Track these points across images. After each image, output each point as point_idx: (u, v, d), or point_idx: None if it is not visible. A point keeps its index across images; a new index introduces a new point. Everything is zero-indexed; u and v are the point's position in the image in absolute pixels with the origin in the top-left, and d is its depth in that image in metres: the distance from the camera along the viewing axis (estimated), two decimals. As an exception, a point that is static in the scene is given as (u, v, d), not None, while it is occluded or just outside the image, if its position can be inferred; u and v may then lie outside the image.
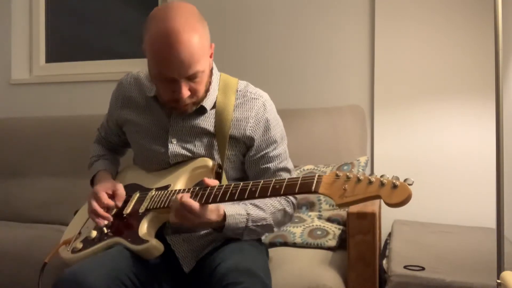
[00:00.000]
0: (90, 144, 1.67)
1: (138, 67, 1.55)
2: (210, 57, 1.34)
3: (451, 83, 2.15)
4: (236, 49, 2.43)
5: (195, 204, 1.20)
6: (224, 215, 1.28)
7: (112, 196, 1.40)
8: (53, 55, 2.91)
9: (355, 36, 2.28)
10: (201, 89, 1.32)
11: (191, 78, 1.27)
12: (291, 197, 1.42)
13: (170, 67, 1.25)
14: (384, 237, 2.01)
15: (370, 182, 1.04)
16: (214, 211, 1.25)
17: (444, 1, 2.16)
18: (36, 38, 2.88)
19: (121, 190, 1.40)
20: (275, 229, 1.42)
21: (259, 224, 1.35)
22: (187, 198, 1.21)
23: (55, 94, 2.74)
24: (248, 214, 1.32)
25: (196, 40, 1.23)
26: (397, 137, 2.20)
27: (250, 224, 1.33)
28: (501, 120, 1.39)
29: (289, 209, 1.41)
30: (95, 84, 2.67)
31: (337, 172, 1.10)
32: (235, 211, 1.30)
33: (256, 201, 1.36)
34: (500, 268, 1.35)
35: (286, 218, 1.43)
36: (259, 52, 2.41)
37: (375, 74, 2.23)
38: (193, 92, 1.30)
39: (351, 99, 2.25)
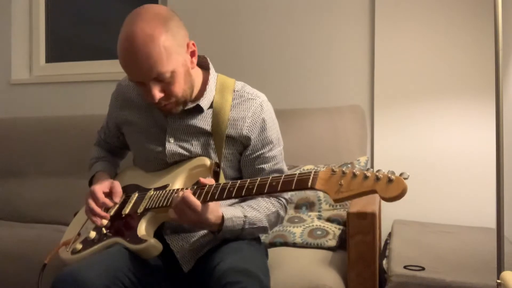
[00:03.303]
0: (90, 145, 1.67)
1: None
2: (192, 56, 1.32)
3: (451, 83, 2.15)
4: (236, 49, 2.42)
5: (197, 202, 1.20)
6: (222, 218, 1.28)
7: (109, 194, 1.40)
8: (53, 55, 2.92)
9: (355, 36, 2.28)
10: (177, 89, 1.29)
11: (159, 80, 1.25)
12: (283, 200, 1.43)
13: (131, 72, 1.26)
14: (384, 237, 2.01)
15: (366, 177, 1.04)
16: (214, 212, 1.25)
17: (444, 1, 2.16)
18: (36, 38, 2.88)
19: (117, 187, 1.41)
20: (269, 231, 1.44)
21: (255, 226, 1.36)
22: (189, 194, 1.21)
23: (55, 94, 2.74)
24: (245, 216, 1.33)
25: (155, 42, 1.20)
26: (397, 137, 2.20)
27: (247, 226, 1.33)
28: (501, 120, 1.39)
29: (282, 212, 1.43)
30: (95, 84, 2.67)
31: (333, 168, 1.10)
32: (233, 214, 1.31)
33: (252, 203, 1.37)
34: (500, 268, 1.35)
35: (278, 220, 1.44)
36: (259, 52, 2.41)
37: (375, 74, 2.23)
38: (168, 93, 1.28)
39: (351, 99, 2.25)
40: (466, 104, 2.12)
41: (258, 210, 1.36)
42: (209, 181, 1.27)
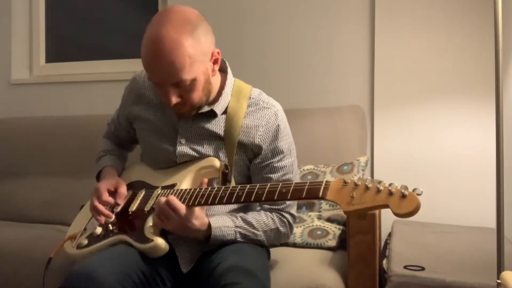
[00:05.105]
0: (90, 145, 1.67)
1: (138, 67, 1.55)
2: (214, 63, 1.32)
3: (451, 83, 2.15)
4: (236, 49, 2.42)
5: (181, 205, 1.22)
6: (209, 226, 1.29)
7: (114, 193, 1.40)
8: (53, 55, 2.91)
9: (355, 36, 2.28)
10: (195, 96, 1.30)
11: (178, 85, 1.26)
12: (287, 216, 1.41)
13: (153, 74, 1.26)
14: (384, 237, 2.01)
15: (379, 191, 1.03)
16: (199, 218, 1.26)
17: (445, 1, 2.16)
18: (36, 38, 2.88)
19: (122, 188, 1.41)
20: (268, 244, 1.43)
21: (249, 238, 1.35)
22: (173, 197, 1.23)
23: (55, 94, 2.74)
24: (236, 226, 1.33)
25: (180, 49, 1.20)
26: (397, 137, 2.20)
27: (239, 238, 1.33)
28: (501, 120, 1.39)
29: (283, 229, 1.40)
30: (95, 84, 2.67)
31: (345, 178, 1.09)
32: (222, 223, 1.31)
33: (248, 217, 1.36)
34: (500, 268, 1.35)
35: (281, 237, 1.42)
36: (259, 52, 2.41)
37: (375, 74, 2.23)
38: (185, 98, 1.29)
39: (351, 99, 2.25)
40: (466, 104, 2.12)
41: (252, 224, 1.35)
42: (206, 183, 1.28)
